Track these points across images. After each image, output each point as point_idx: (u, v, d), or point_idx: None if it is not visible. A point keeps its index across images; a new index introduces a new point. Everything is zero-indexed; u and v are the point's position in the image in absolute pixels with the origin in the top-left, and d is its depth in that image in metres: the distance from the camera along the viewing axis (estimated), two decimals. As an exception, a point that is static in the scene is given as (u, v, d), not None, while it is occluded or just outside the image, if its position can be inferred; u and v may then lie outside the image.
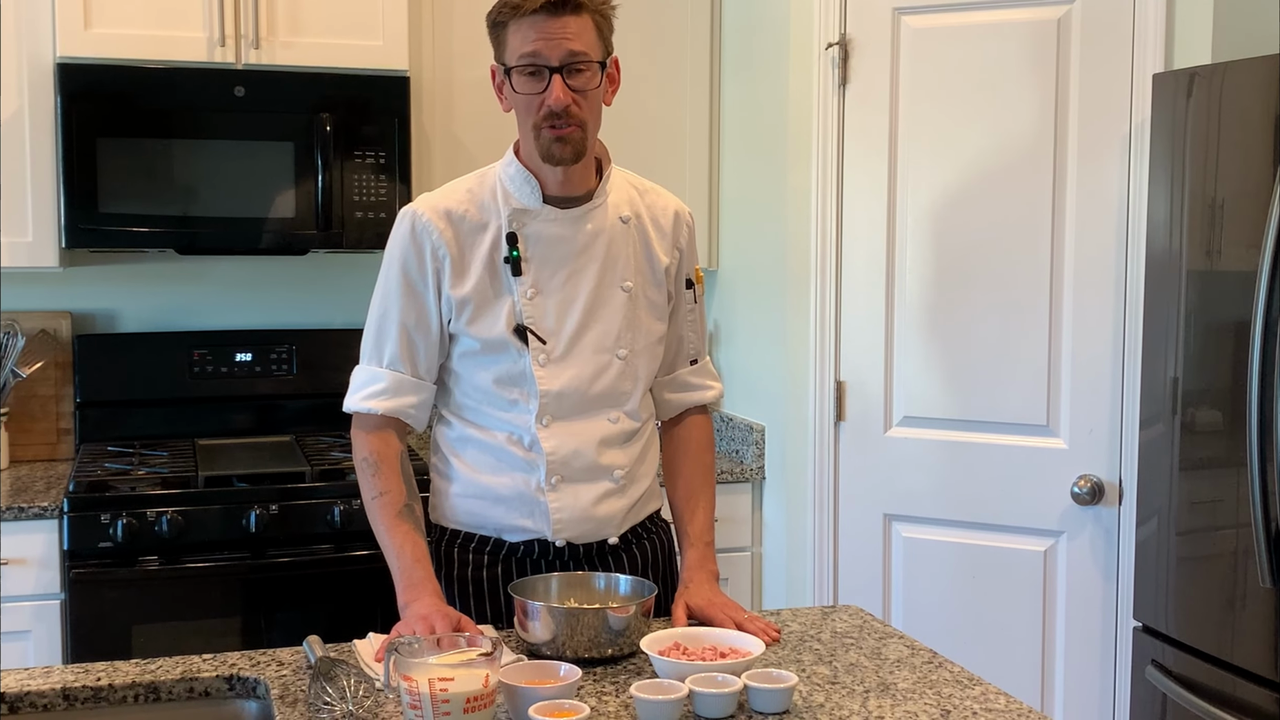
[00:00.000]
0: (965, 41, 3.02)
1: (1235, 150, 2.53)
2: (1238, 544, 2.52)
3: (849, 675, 1.88)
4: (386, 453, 2.08)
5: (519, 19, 1.96)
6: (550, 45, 1.95)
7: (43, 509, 2.93)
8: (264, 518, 3.01)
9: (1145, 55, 2.84)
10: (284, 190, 3.23)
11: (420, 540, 2.04)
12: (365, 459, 2.08)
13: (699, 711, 1.70)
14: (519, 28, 1.96)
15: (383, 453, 2.08)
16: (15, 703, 1.79)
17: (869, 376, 3.17)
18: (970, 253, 3.05)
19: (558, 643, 1.88)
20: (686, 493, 2.24)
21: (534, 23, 1.95)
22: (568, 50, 1.95)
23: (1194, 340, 2.64)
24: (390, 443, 2.09)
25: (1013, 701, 1.78)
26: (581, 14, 1.96)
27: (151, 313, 3.58)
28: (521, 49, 1.96)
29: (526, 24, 1.95)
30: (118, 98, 3.11)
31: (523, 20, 1.95)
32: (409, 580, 2.00)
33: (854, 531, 3.22)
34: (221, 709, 1.85)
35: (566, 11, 1.94)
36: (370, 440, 2.09)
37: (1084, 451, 2.97)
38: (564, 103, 1.96)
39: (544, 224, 2.07)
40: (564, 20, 1.94)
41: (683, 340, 2.26)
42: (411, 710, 1.60)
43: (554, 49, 1.95)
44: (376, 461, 2.07)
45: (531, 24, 1.95)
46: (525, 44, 1.96)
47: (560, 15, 1.94)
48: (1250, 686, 2.49)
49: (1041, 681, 3.06)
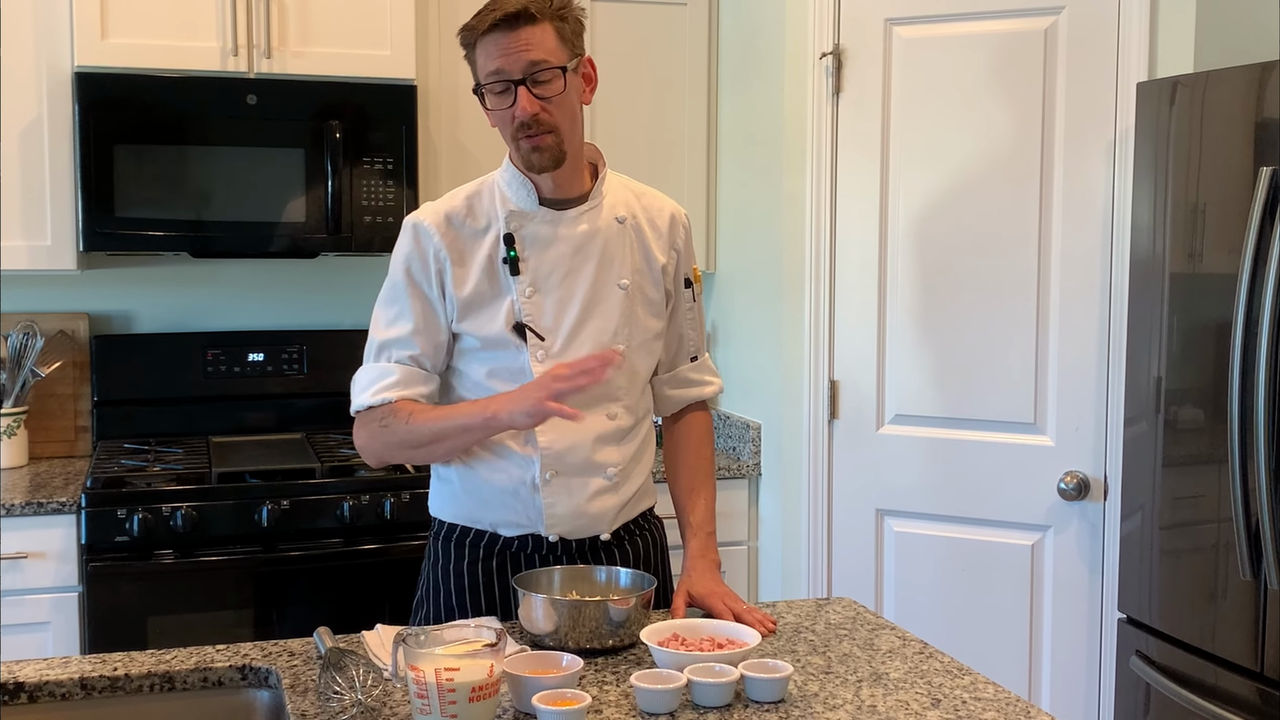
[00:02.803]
0: (955, 51, 3.02)
1: (1216, 157, 2.53)
2: (1219, 538, 2.53)
3: (842, 665, 1.88)
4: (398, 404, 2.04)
5: (481, 39, 1.98)
6: (510, 59, 1.96)
7: (61, 504, 2.94)
8: (275, 513, 3.01)
9: (1129, 65, 2.84)
10: (295, 195, 3.23)
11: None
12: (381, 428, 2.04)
13: (697, 700, 1.70)
14: (483, 47, 1.98)
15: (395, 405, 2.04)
16: (35, 692, 1.79)
17: (862, 376, 3.18)
18: (960, 256, 3.05)
19: (560, 634, 1.88)
20: (688, 485, 2.24)
21: (493, 40, 1.96)
22: (528, 61, 1.96)
23: (1176, 341, 2.64)
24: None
25: (1001, 691, 1.78)
26: (538, 23, 1.96)
27: (166, 314, 3.58)
28: (487, 67, 1.98)
29: (488, 42, 1.97)
30: (134, 106, 3.11)
31: (484, 40, 1.97)
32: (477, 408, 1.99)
33: (847, 526, 3.22)
34: (234, 698, 1.85)
35: (521, 24, 1.95)
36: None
37: (1070, 448, 2.97)
38: (530, 112, 1.97)
39: (540, 225, 2.08)
40: (520, 33, 1.95)
41: (683, 338, 2.26)
42: (418, 699, 1.60)
43: (514, 62, 1.96)
44: (386, 414, 2.03)
45: (492, 42, 1.97)
46: (490, 62, 1.98)
47: (516, 28, 1.95)
48: (1231, 676, 2.49)
49: (1029, 671, 3.06)
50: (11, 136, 3.12)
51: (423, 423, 2.03)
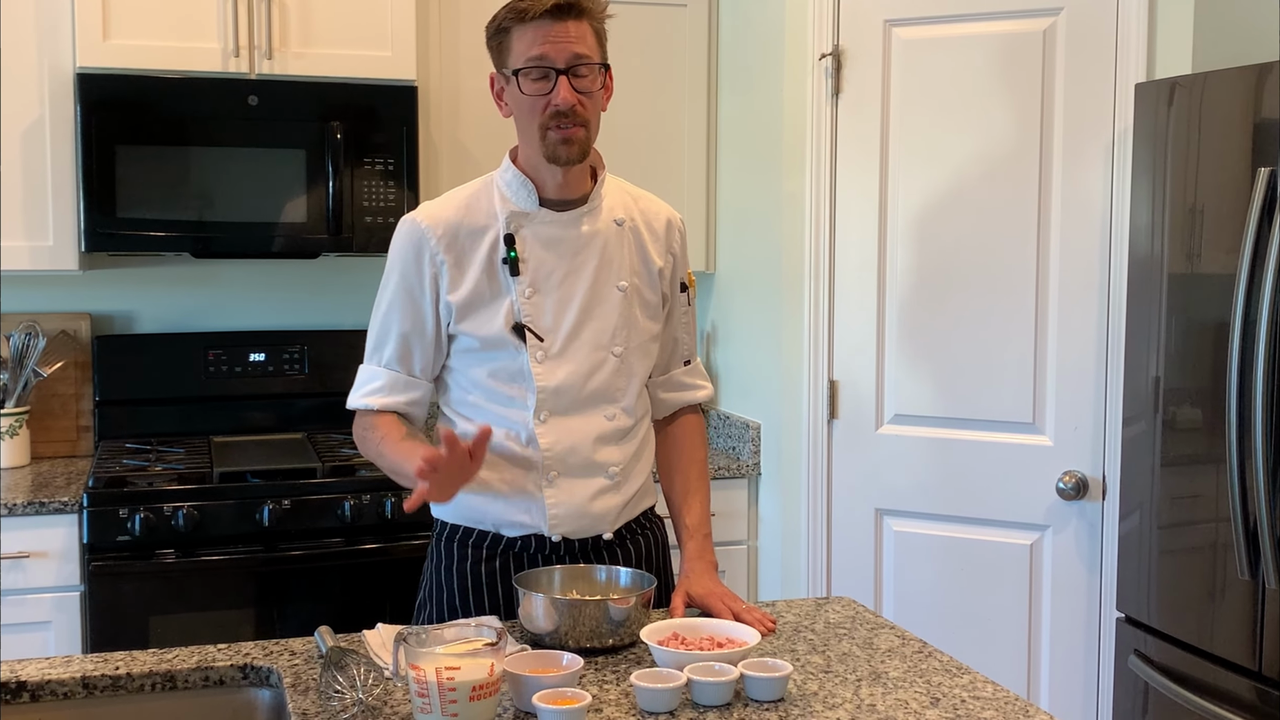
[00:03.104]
0: (954, 52, 3.02)
1: (1214, 157, 2.53)
2: (1217, 537, 2.52)
3: (842, 664, 1.88)
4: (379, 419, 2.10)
5: (524, 24, 1.98)
6: (556, 48, 1.97)
7: (63, 504, 2.93)
8: (276, 512, 3.01)
9: (1128, 66, 2.84)
10: (296, 196, 3.23)
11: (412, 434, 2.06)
12: (362, 436, 2.11)
13: (697, 699, 1.70)
14: (524, 33, 1.99)
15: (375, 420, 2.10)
16: (37, 691, 1.79)
17: (861, 376, 3.17)
18: (958, 256, 3.05)
19: (561, 633, 1.88)
20: (683, 488, 2.24)
21: (539, 26, 1.97)
22: (573, 53, 1.98)
23: (1175, 341, 2.64)
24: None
25: (1000, 690, 1.78)
26: (583, 20, 2.00)
27: (168, 314, 3.58)
28: (528, 52, 1.98)
29: (532, 28, 1.98)
30: (135, 107, 3.11)
31: (528, 25, 1.98)
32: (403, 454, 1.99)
33: (846, 525, 3.22)
34: (236, 697, 1.85)
35: (570, 16, 1.98)
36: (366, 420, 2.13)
37: (1069, 448, 2.97)
38: (570, 102, 1.98)
39: (540, 226, 2.08)
40: (568, 25, 1.98)
41: (678, 342, 2.26)
42: (419, 699, 1.59)
43: (560, 51, 1.97)
44: (372, 424, 2.09)
45: (537, 28, 1.97)
46: (532, 48, 1.98)
47: (564, 20, 1.97)
48: (1229, 675, 2.49)
49: (1028, 670, 3.06)
50: (14, 137, 3.11)
51: (384, 450, 2.06)
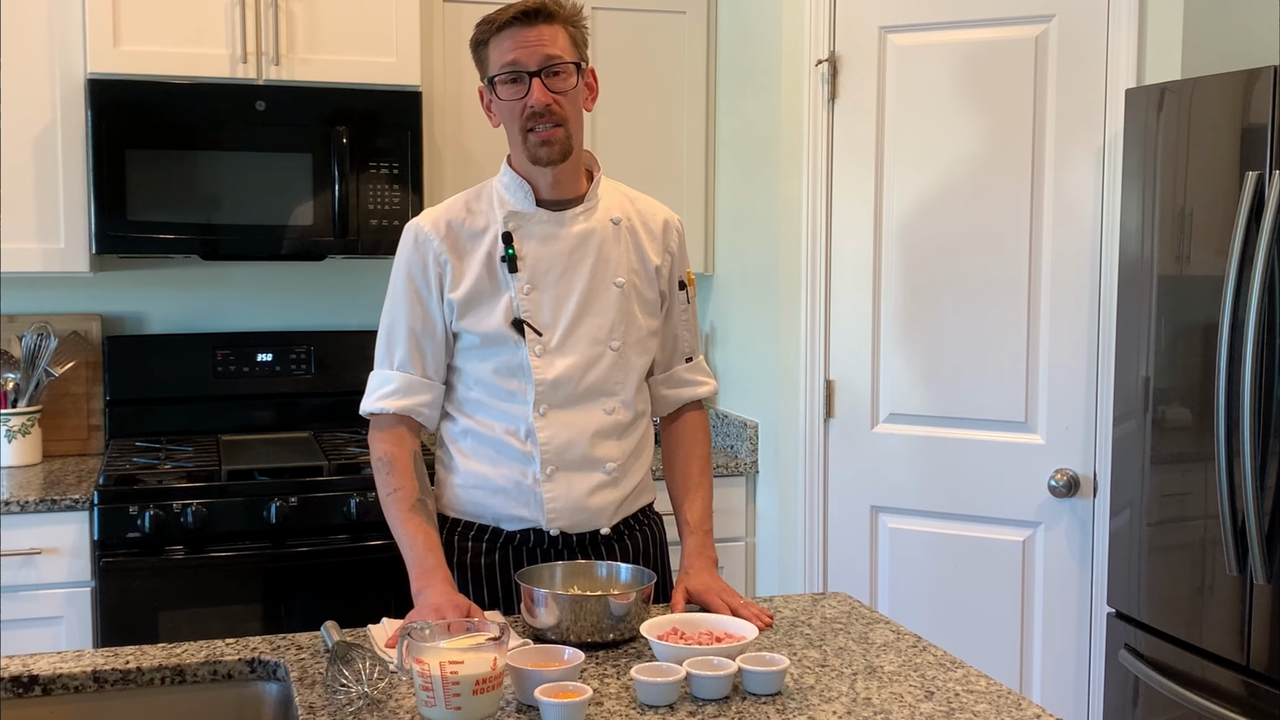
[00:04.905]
0: (947, 58, 3.02)
1: (1203, 161, 2.53)
2: (1206, 534, 2.53)
3: (838, 658, 1.88)
4: (399, 452, 2.09)
5: (497, 33, 2.03)
6: (527, 52, 2.01)
7: (74, 501, 2.94)
8: (284, 509, 3.01)
9: (1118, 71, 2.84)
10: (302, 199, 3.23)
11: (432, 531, 2.05)
12: (380, 459, 2.09)
13: (695, 693, 1.70)
14: (498, 41, 2.03)
15: (395, 452, 2.09)
16: (48, 684, 1.79)
17: (857, 375, 3.17)
18: (952, 258, 3.05)
19: (562, 628, 1.88)
20: (685, 483, 2.24)
21: (510, 34, 2.02)
22: (544, 54, 2.01)
23: (1164, 341, 2.64)
24: (404, 441, 2.10)
25: (993, 683, 1.78)
26: (553, 23, 2.03)
27: (177, 315, 3.59)
28: (501, 60, 2.02)
29: (504, 36, 2.02)
30: (145, 111, 3.11)
31: (500, 34, 2.02)
32: (421, 568, 2.00)
33: (842, 522, 3.22)
34: (243, 691, 1.85)
35: (539, 21, 2.01)
36: (384, 440, 2.10)
37: (1060, 447, 2.97)
38: (544, 102, 2.01)
39: (538, 225, 2.10)
40: (538, 29, 2.01)
41: (678, 339, 2.26)
42: (424, 692, 1.60)
43: (531, 55, 2.01)
44: (390, 461, 2.08)
45: (508, 35, 2.02)
46: (505, 54, 2.02)
47: (534, 24, 2.01)
48: (1218, 669, 2.49)
49: (1020, 664, 3.06)
50: (26, 142, 3.12)
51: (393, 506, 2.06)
